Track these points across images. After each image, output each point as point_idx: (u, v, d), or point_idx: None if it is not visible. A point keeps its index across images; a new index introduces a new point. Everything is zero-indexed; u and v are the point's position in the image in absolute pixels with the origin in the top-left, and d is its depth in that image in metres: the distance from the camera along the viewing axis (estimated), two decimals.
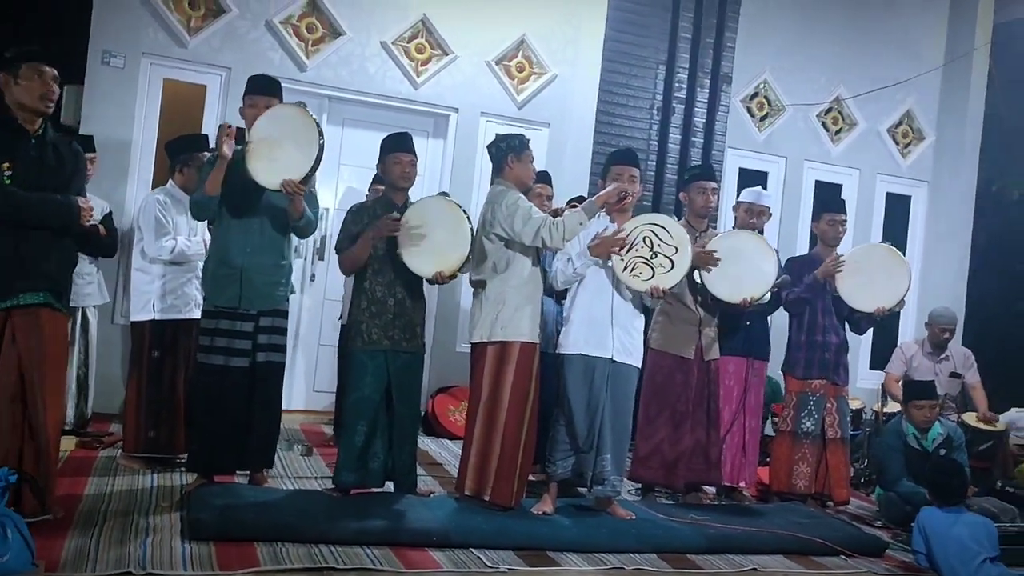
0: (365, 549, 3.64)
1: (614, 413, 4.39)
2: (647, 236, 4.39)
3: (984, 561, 4.07)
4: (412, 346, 4.36)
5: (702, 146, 7.13)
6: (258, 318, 4.21)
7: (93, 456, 4.80)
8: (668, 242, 4.38)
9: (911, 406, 5.08)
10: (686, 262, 4.40)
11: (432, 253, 4.26)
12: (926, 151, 8.10)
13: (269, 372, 4.24)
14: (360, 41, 6.54)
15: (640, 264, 4.37)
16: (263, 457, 4.32)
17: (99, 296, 5.23)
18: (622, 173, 4.48)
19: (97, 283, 5.21)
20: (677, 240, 4.40)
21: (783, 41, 7.62)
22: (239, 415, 4.16)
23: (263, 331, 4.22)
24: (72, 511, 3.77)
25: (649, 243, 4.38)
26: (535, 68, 6.92)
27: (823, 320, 5.24)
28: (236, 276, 4.15)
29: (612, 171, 4.52)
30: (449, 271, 4.26)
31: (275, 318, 4.26)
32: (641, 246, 4.38)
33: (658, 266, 4.36)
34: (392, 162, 4.37)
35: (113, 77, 5.96)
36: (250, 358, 4.18)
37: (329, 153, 6.62)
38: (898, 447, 5.08)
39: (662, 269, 4.36)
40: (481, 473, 4.24)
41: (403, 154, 4.37)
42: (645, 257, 4.37)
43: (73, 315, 5.07)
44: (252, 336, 4.19)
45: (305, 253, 6.59)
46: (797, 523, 4.59)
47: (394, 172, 4.38)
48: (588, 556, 3.92)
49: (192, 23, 6.15)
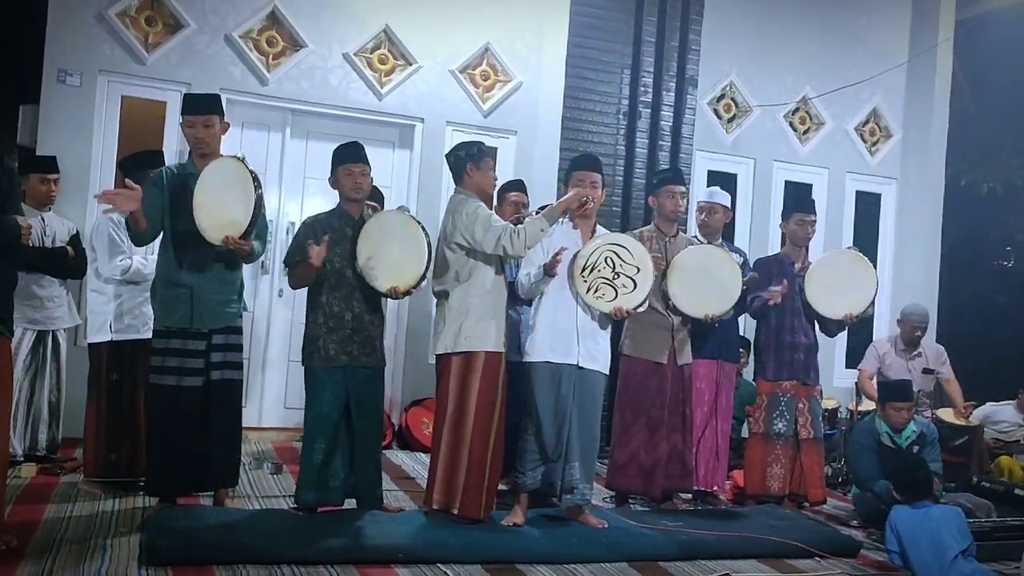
0: (328, 568, 3.57)
1: (582, 420, 4.34)
2: (608, 256, 4.35)
3: (957, 556, 4.05)
4: (371, 361, 4.29)
5: (670, 149, 7.10)
6: (210, 336, 4.14)
7: (54, 482, 4.70)
8: (630, 262, 4.35)
9: (888, 407, 5.05)
10: (648, 282, 4.36)
11: (389, 268, 4.20)
12: (894, 148, 8.12)
13: (225, 390, 4.17)
14: (322, 53, 6.49)
15: (603, 285, 4.33)
16: (224, 476, 4.24)
17: (69, 319, 5.14)
18: (584, 179, 4.44)
19: (67, 305, 5.11)
20: (638, 260, 4.36)
21: (748, 42, 7.62)
22: (195, 435, 4.09)
23: (216, 349, 4.15)
24: (27, 539, 3.67)
25: (611, 263, 4.34)
26: (500, 76, 6.89)
27: (791, 321, 5.22)
28: (186, 295, 4.09)
29: (574, 177, 4.48)
30: (405, 287, 4.19)
31: (228, 335, 4.20)
32: (603, 267, 4.34)
33: (620, 287, 4.33)
34: (343, 174, 4.31)
35: (70, 95, 5.87)
36: (204, 377, 4.11)
37: (294, 167, 6.63)
38: (870, 446, 5.06)
39: (625, 290, 4.33)
40: (449, 486, 4.17)
41: (353, 164, 4.30)
42: (608, 278, 4.33)
43: (43, 339, 5.00)
44: (205, 354, 4.12)
45: (272, 268, 6.52)
46: (771, 526, 4.56)
47: (346, 184, 4.31)
48: (558, 568, 3.86)
49: (150, 39, 6.08)
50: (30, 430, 4.94)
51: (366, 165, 4.34)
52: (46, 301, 4.93)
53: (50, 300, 4.95)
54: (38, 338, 4.94)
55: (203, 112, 4.18)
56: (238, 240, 3.97)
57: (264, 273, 6.52)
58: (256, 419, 6.43)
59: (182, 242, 4.11)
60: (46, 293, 4.92)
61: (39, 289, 4.88)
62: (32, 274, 4.78)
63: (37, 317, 4.89)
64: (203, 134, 4.14)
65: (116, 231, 4.53)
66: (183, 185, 4.10)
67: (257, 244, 4.20)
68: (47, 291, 4.92)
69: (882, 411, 5.11)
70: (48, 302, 4.94)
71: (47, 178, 4.98)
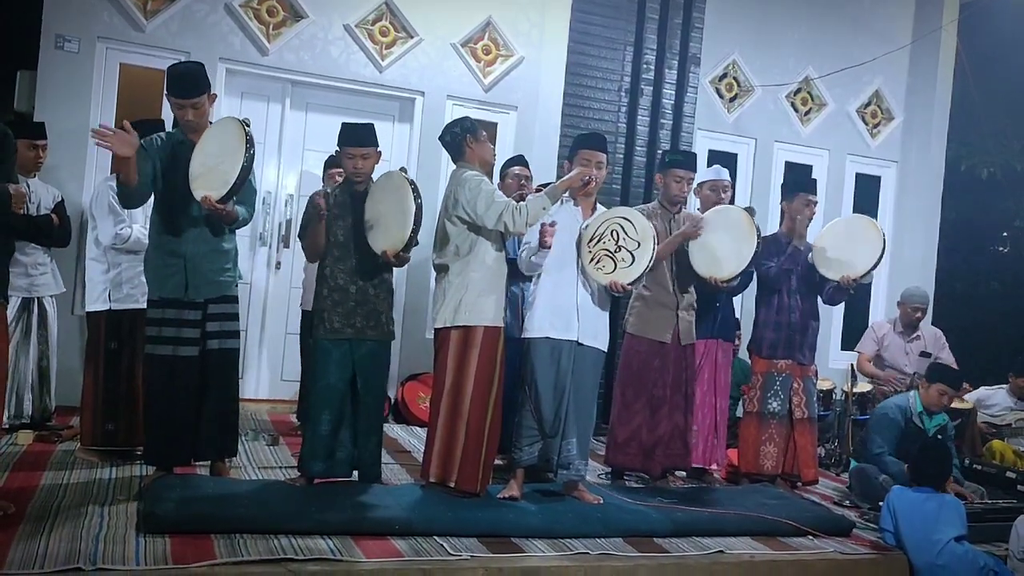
0: (325, 539, 3.57)
1: (579, 397, 4.35)
2: (614, 229, 4.34)
3: (951, 540, 4.09)
4: (377, 334, 4.28)
5: (671, 128, 7.08)
6: (206, 306, 4.12)
7: (50, 450, 4.70)
8: (632, 236, 4.33)
9: (936, 389, 5.08)
10: (645, 258, 4.33)
11: (384, 231, 4.14)
12: (895, 131, 8.11)
13: (222, 359, 4.16)
14: (323, 24, 6.43)
15: (605, 257, 4.33)
16: (222, 446, 4.23)
17: (55, 286, 5.12)
18: (590, 159, 4.41)
19: (52, 272, 5.10)
20: (640, 235, 4.34)
21: (751, 22, 7.57)
22: (192, 405, 4.08)
23: (212, 318, 4.13)
24: (24, 506, 3.67)
25: (615, 236, 4.33)
26: (502, 51, 6.84)
27: (789, 300, 5.23)
28: (180, 265, 4.06)
29: (579, 155, 4.44)
30: (393, 250, 4.09)
31: (224, 304, 4.17)
32: (608, 239, 4.33)
33: (620, 260, 4.32)
34: (345, 156, 4.27)
35: (67, 62, 5.81)
36: (200, 347, 4.10)
37: (293, 138, 6.58)
38: (898, 421, 5.10)
39: (623, 264, 4.32)
40: (446, 459, 4.19)
41: (353, 148, 4.24)
42: (610, 250, 4.32)
43: (29, 307, 4.98)
44: (201, 324, 4.10)
45: (270, 241, 6.50)
46: (765, 504, 4.58)
47: (346, 167, 4.30)
48: (553, 542, 3.87)
49: (149, 6, 6.01)
50: (15, 396, 4.92)
51: (369, 148, 4.26)
52: (30, 268, 4.91)
53: (34, 267, 4.93)
54: (23, 305, 4.92)
55: (191, 95, 4.01)
56: (215, 203, 3.87)
57: (262, 245, 6.50)
58: (253, 391, 6.44)
59: (173, 210, 4.06)
60: (30, 260, 4.90)
61: (23, 256, 4.85)
62: (17, 241, 4.72)
63: (21, 284, 4.86)
64: (192, 115, 4.04)
65: (116, 198, 4.48)
66: (173, 154, 4.03)
67: (241, 209, 4.12)
68: (31, 258, 4.91)
69: (926, 391, 5.12)
70: (32, 269, 4.92)
71: (35, 144, 4.93)
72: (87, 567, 3.09)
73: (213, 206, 3.88)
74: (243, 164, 3.86)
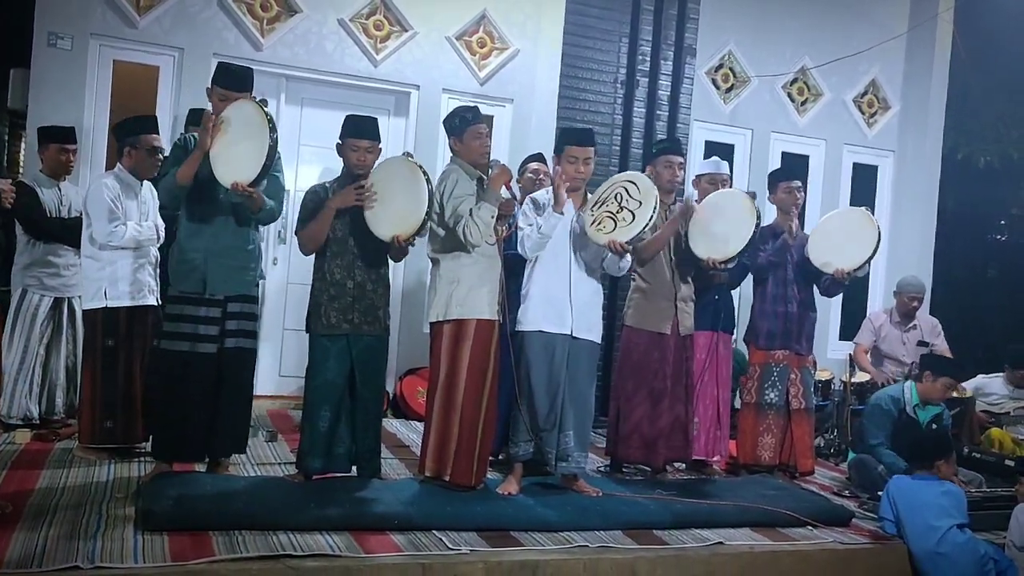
0: (324, 535, 3.57)
1: (576, 390, 4.35)
2: (619, 192, 4.34)
3: (951, 528, 4.09)
4: (374, 329, 4.27)
5: (667, 119, 7.05)
6: (226, 304, 4.12)
7: (49, 448, 4.69)
8: (635, 196, 4.31)
9: (944, 383, 5.08)
10: (646, 217, 4.27)
11: (392, 216, 4.12)
12: (891, 120, 8.09)
13: (239, 358, 4.17)
14: (317, 19, 6.41)
15: (606, 218, 4.31)
16: (233, 444, 4.25)
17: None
18: (577, 156, 4.37)
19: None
20: (643, 194, 4.31)
21: (747, 12, 7.54)
22: (206, 402, 4.09)
23: (232, 317, 4.14)
24: (22, 504, 3.67)
25: (618, 198, 4.32)
26: (496, 43, 6.82)
27: (785, 291, 5.23)
28: (200, 261, 4.07)
29: (566, 152, 4.39)
30: (405, 235, 4.10)
31: (244, 303, 4.18)
32: (611, 201, 4.33)
33: (620, 220, 4.29)
34: (349, 148, 4.25)
35: (61, 59, 5.78)
36: (218, 344, 4.10)
37: (288, 134, 6.55)
38: (891, 413, 5.11)
39: (623, 222, 4.28)
40: (441, 453, 4.19)
41: (360, 140, 4.23)
42: (612, 212, 4.31)
43: (59, 306, 5.06)
44: (220, 322, 4.11)
45: (266, 236, 6.48)
46: (764, 495, 4.59)
47: (351, 159, 4.27)
48: (552, 535, 3.88)
49: (141, 2, 5.98)
50: (47, 394, 5.02)
51: (373, 141, 4.26)
52: (62, 269, 5.00)
53: (66, 268, 5.01)
54: (54, 304, 5.02)
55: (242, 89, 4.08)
56: (247, 187, 3.89)
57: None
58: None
59: (198, 206, 4.08)
60: (63, 261, 5.00)
61: (56, 258, 4.98)
62: (50, 244, 4.92)
63: (54, 284, 4.99)
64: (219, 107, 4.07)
65: (112, 197, 4.48)
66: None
67: (271, 203, 4.12)
68: (63, 259, 5.00)
69: (931, 385, 5.10)
70: (64, 270, 5.01)
71: (66, 148, 5.05)
72: (85, 565, 3.09)
73: (245, 190, 3.89)
74: (269, 145, 3.88)
